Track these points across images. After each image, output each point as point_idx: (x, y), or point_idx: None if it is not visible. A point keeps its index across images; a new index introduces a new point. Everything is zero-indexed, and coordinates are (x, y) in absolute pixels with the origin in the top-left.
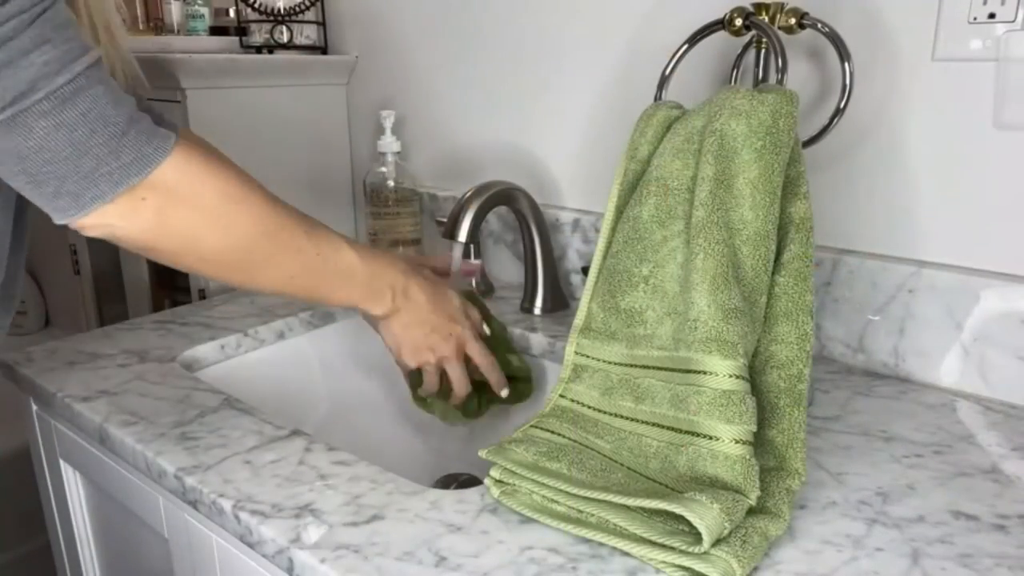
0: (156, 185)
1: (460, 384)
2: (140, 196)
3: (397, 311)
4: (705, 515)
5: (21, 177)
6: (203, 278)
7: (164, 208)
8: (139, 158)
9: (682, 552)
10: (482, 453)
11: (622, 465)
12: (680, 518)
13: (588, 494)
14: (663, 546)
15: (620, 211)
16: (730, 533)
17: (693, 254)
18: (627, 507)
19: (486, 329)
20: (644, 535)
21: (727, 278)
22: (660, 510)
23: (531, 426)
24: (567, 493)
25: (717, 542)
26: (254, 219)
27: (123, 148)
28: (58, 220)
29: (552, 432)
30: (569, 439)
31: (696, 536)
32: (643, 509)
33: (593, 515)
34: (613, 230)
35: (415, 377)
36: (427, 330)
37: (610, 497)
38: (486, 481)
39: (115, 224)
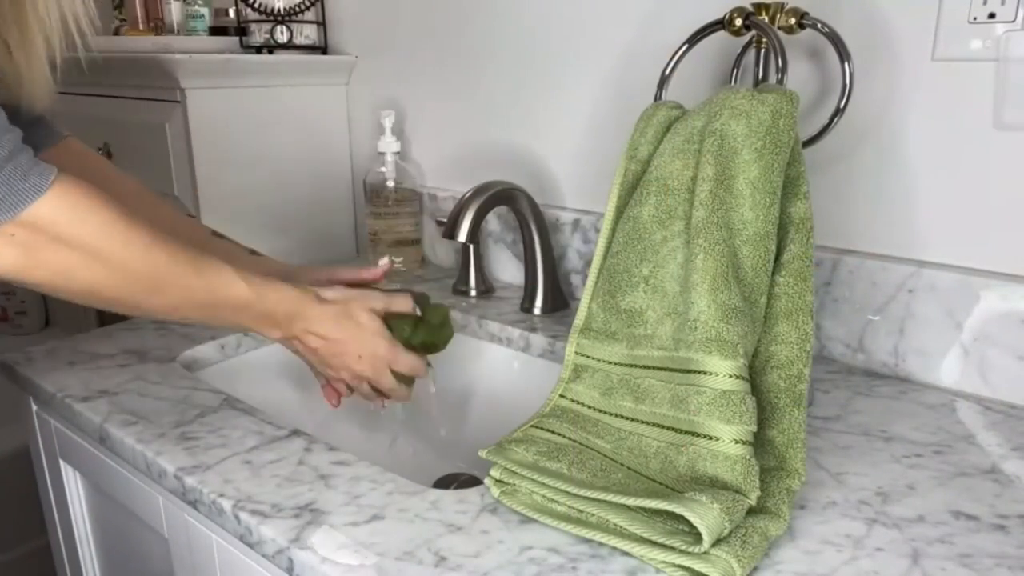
0: (27, 223)
1: (393, 393)
2: (9, 232)
3: (295, 338)
4: (705, 515)
5: None
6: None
7: (35, 245)
8: (11, 194)
9: (682, 552)
10: (482, 453)
11: (622, 465)
12: (680, 518)
13: (588, 494)
14: (663, 546)
15: (620, 211)
16: (730, 533)
17: (693, 254)
18: (627, 507)
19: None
20: (644, 535)
21: (727, 278)
22: (660, 510)
23: (531, 426)
24: (567, 493)
25: (717, 542)
26: (133, 257)
27: None
28: None
29: (552, 432)
30: (569, 439)
31: (696, 536)
32: (643, 509)
33: (593, 515)
34: (613, 230)
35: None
36: (332, 363)
37: (610, 497)
38: (486, 481)
39: None
